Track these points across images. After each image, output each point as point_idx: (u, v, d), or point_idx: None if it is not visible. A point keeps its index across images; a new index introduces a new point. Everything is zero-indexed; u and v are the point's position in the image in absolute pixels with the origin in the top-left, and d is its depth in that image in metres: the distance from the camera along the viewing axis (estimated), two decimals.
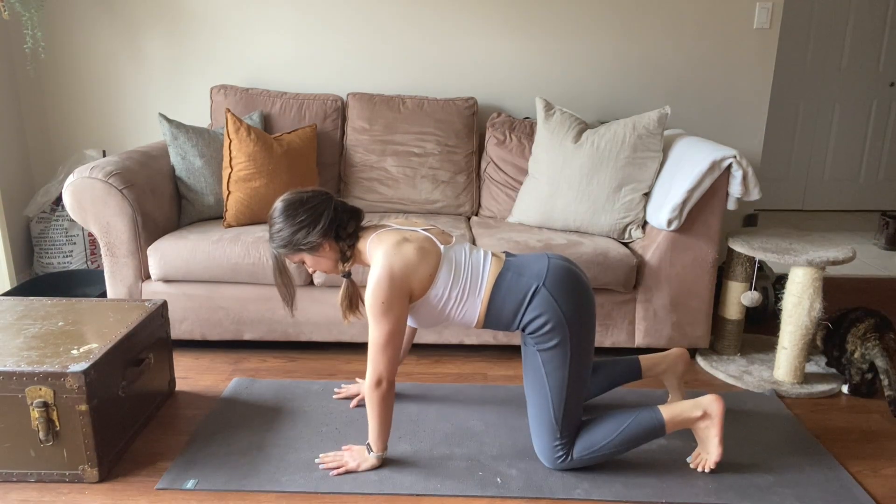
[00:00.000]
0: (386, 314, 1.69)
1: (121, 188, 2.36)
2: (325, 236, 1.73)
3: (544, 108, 2.69)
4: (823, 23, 4.63)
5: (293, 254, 1.76)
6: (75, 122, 3.20)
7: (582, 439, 1.79)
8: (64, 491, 1.73)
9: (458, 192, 2.93)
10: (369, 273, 1.72)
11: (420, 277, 1.73)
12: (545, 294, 1.73)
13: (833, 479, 1.81)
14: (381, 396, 1.73)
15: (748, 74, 3.13)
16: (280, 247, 1.75)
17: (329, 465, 1.81)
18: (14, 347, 1.81)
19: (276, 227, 1.73)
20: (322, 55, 3.11)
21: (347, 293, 1.86)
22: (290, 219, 1.71)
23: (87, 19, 3.08)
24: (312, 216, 1.71)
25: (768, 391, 2.30)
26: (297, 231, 1.71)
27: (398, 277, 1.69)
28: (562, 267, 1.78)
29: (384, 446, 1.82)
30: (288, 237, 1.72)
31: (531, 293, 1.73)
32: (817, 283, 2.23)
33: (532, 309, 1.73)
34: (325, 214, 1.72)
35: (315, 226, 1.71)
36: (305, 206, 1.72)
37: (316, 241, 1.72)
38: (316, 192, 1.76)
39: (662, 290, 2.44)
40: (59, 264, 3.10)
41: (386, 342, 1.70)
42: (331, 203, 1.75)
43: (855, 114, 4.82)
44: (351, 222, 1.77)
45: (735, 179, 2.30)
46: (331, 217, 1.73)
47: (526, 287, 1.74)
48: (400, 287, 1.69)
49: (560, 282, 1.74)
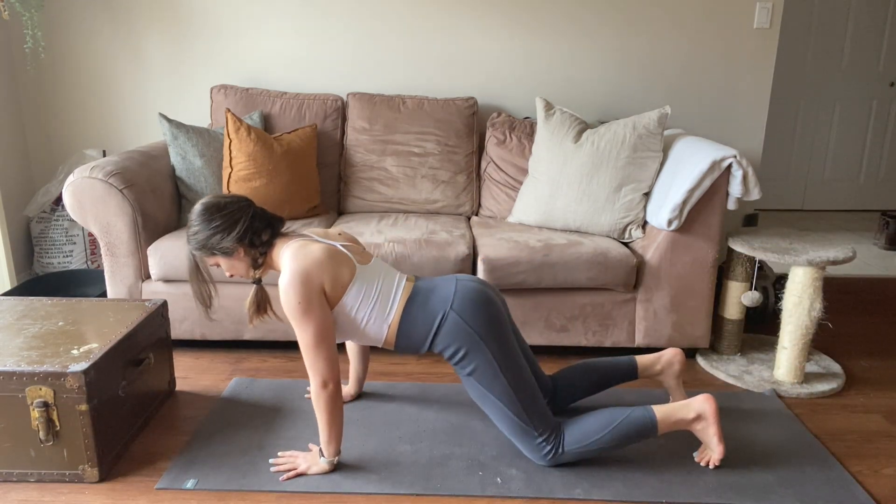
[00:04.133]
0: (306, 314, 1.69)
1: (121, 188, 2.36)
2: (240, 242, 1.76)
3: (544, 108, 2.69)
4: (823, 23, 4.63)
5: (208, 256, 1.79)
6: (75, 122, 3.20)
7: (573, 432, 1.80)
8: (64, 491, 1.74)
9: (458, 191, 2.93)
10: (279, 279, 1.73)
11: (331, 280, 1.74)
12: (454, 318, 1.76)
13: (833, 479, 1.81)
14: (328, 398, 1.73)
15: (748, 74, 3.13)
16: (195, 248, 1.78)
17: (281, 468, 1.81)
18: (14, 347, 1.81)
19: (192, 228, 1.76)
20: (322, 55, 3.11)
21: (256, 298, 1.87)
22: (207, 222, 1.74)
23: (87, 19, 3.08)
24: (228, 222, 1.74)
25: (768, 391, 2.30)
26: (213, 235, 1.74)
27: (307, 276, 1.70)
28: (470, 288, 1.81)
29: (336, 451, 1.80)
30: (203, 240, 1.75)
31: (440, 319, 1.77)
32: (817, 283, 2.23)
33: (443, 336, 1.77)
34: (240, 221, 1.75)
35: (230, 231, 1.74)
36: (222, 212, 1.75)
37: (230, 247, 1.75)
38: (236, 198, 1.80)
39: (662, 290, 2.44)
40: (59, 264, 3.10)
41: (317, 342, 1.70)
42: (248, 211, 1.78)
43: (855, 114, 4.82)
44: (266, 230, 1.80)
45: (735, 179, 2.30)
46: (246, 225, 1.76)
47: (434, 312, 1.78)
48: (311, 286, 1.70)
49: (468, 302, 1.78)
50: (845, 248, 2.31)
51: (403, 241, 2.43)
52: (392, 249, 2.39)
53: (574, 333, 2.48)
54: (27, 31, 2.86)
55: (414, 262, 2.37)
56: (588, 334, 2.48)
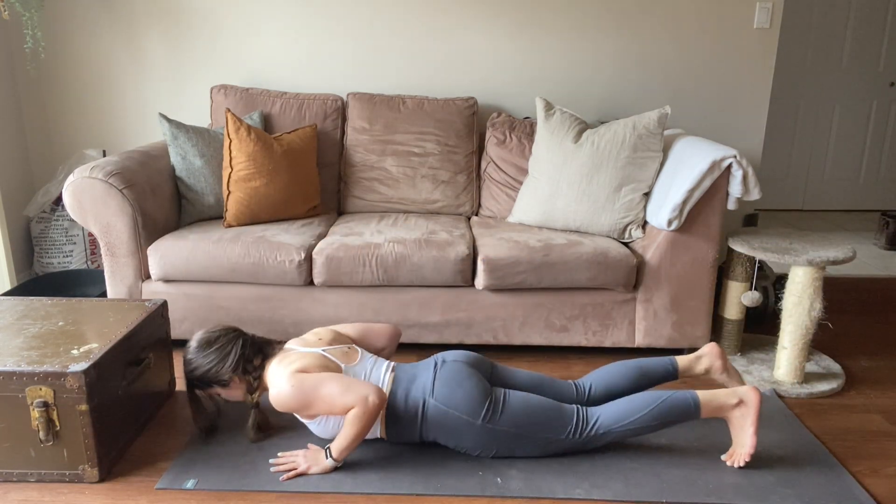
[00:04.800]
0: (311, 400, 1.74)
1: (121, 188, 2.36)
2: (234, 372, 1.84)
3: (544, 108, 2.69)
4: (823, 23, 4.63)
5: (206, 389, 1.88)
6: (75, 122, 3.20)
7: (613, 412, 1.83)
8: (64, 491, 1.73)
9: (458, 191, 2.93)
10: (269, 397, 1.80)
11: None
12: (435, 407, 1.80)
13: (833, 479, 1.81)
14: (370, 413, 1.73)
15: (748, 74, 3.13)
16: (195, 383, 1.87)
17: (280, 468, 1.81)
18: (14, 347, 1.81)
19: (189, 367, 1.86)
20: (322, 55, 3.11)
21: (255, 421, 1.93)
22: (202, 359, 1.84)
23: (87, 19, 3.08)
24: (220, 355, 1.84)
25: (768, 391, 2.30)
26: (209, 370, 1.83)
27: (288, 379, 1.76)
28: (447, 371, 1.85)
29: (346, 457, 1.82)
30: (200, 375, 1.84)
31: (422, 409, 1.81)
32: (817, 283, 2.23)
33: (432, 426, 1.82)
34: (232, 353, 1.84)
35: (223, 364, 1.83)
36: (214, 347, 1.84)
37: (225, 378, 1.83)
38: (225, 330, 1.89)
39: (662, 290, 2.44)
40: (59, 264, 3.10)
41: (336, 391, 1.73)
42: (238, 341, 1.87)
43: (855, 114, 4.82)
44: (258, 356, 1.87)
45: (735, 179, 2.30)
46: (238, 354, 1.84)
47: (415, 404, 1.82)
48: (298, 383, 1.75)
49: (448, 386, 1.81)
50: (845, 248, 2.30)
51: (403, 241, 2.43)
52: (392, 249, 2.39)
53: (574, 333, 2.48)
54: (27, 31, 2.86)
55: (414, 262, 2.38)
56: (588, 334, 2.48)
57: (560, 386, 1.99)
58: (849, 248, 2.32)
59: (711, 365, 2.02)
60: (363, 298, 2.45)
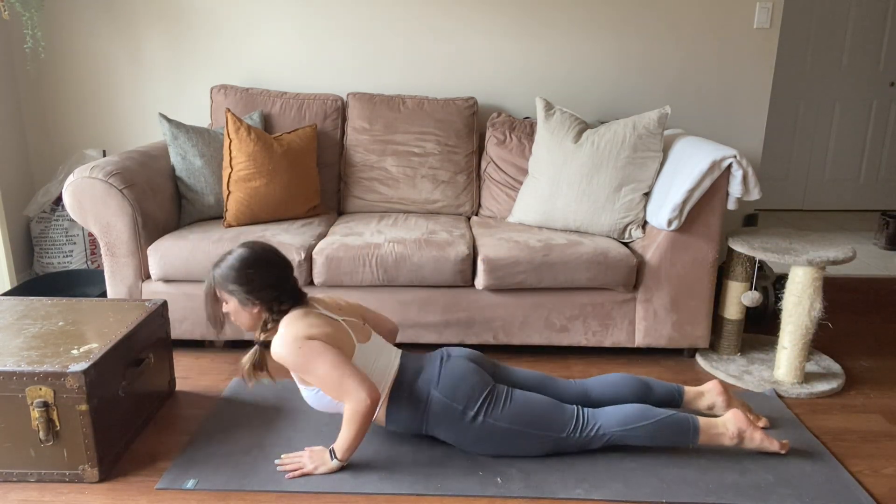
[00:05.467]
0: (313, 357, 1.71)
1: (121, 188, 2.36)
2: (260, 302, 1.78)
3: (544, 108, 2.69)
4: (823, 23, 4.63)
5: (225, 292, 1.80)
6: (75, 122, 3.20)
7: (615, 415, 1.84)
8: (64, 491, 1.73)
9: (458, 191, 2.93)
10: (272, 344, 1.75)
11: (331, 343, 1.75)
12: (439, 399, 1.80)
13: (833, 479, 1.81)
14: (366, 412, 1.72)
15: (748, 74, 3.13)
16: (219, 281, 1.79)
17: (286, 468, 1.81)
18: (14, 347, 1.81)
19: (226, 263, 1.78)
20: (322, 55, 3.11)
21: (253, 357, 1.84)
22: (243, 269, 1.76)
23: (87, 19, 3.08)
24: (260, 281, 1.77)
25: (768, 391, 2.30)
26: (240, 283, 1.76)
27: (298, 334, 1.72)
28: (453, 365, 1.85)
29: (350, 456, 1.81)
30: (230, 279, 1.77)
31: (426, 400, 1.81)
32: (817, 283, 2.23)
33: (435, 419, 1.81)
34: (272, 286, 1.78)
35: (257, 290, 1.77)
36: (262, 270, 1.78)
37: (248, 299, 1.78)
38: (280, 263, 1.82)
39: (662, 290, 2.44)
40: (59, 264, 3.10)
41: (338, 374, 1.70)
42: (286, 280, 1.81)
43: (855, 114, 4.82)
44: (287, 303, 1.81)
45: (735, 179, 2.30)
46: (276, 293, 1.79)
47: (420, 394, 1.82)
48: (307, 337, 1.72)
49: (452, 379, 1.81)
50: (845, 248, 2.30)
51: (403, 241, 2.43)
52: (392, 249, 2.39)
53: (574, 333, 2.48)
54: (27, 31, 2.86)
55: (414, 262, 2.38)
56: (588, 334, 2.49)
57: (561, 385, 2.00)
58: (849, 248, 2.31)
59: (714, 402, 2.03)
60: (363, 298, 2.45)
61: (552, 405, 1.85)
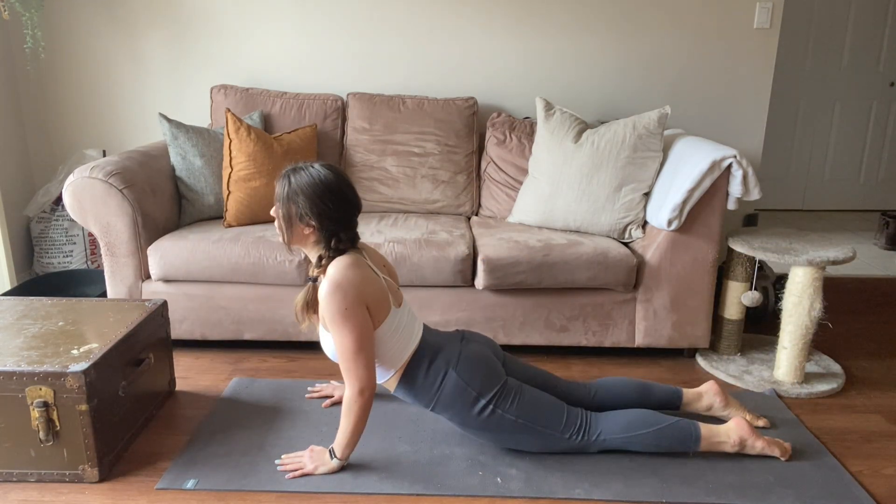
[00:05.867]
0: (348, 320, 1.67)
1: (121, 188, 2.36)
2: (321, 230, 1.71)
3: (544, 108, 2.69)
4: (823, 23, 4.63)
5: (287, 203, 1.71)
6: (75, 122, 3.20)
7: (616, 421, 1.84)
8: (64, 491, 1.74)
9: (458, 191, 2.93)
10: (321, 286, 1.70)
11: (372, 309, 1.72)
12: (456, 380, 1.79)
13: (833, 479, 1.81)
14: (363, 405, 1.72)
15: (748, 74, 3.13)
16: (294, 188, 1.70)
17: (287, 468, 1.81)
18: (14, 347, 1.81)
19: (308, 176, 1.69)
20: (322, 55, 3.11)
21: (306, 297, 1.78)
22: (320, 194, 1.68)
23: (86, 19, 3.08)
24: (332, 211, 1.69)
25: (768, 391, 2.30)
26: (312, 205, 1.68)
27: (352, 286, 1.67)
28: (473, 350, 1.85)
29: (349, 454, 1.81)
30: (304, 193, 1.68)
31: (442, 378, 1.80)
32: (817, 283, 2.23)
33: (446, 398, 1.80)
34: (340, 220, 1.72)
35: (325, 216, 1.69)
36: (338, 201, 1.70)
37: (310, 224, 1.71)
38: (356, 202, 1.76)
39: (662, 290, 2.44)
40: (59, 264, 3.10)
41: (357, 349, 1.69)
42: (352, 220, 1.75)
43: (855, 114, 4.82)
44: (346, 242, 1.75)
45: (735, 179, 2.30)
46: (340, 228, 1.72)
47: (437, 372, 1.80)
48: (354, 296, 1.68)
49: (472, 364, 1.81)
50: (845, 248, 2.30)
51: (403, 241, 2.43)
52: (392, 249, 2.39)
53: (574, 333, 2.48)
54: (27, 31, 2.86)
55: (414, 262, 2.37)
56: (588, 334, 2.49)
57: (568, 386, 2.00)
58: (849, 248, 2.31)
59: (712, 403, 2.03)
60: None
61: (559, 406, 1.85)
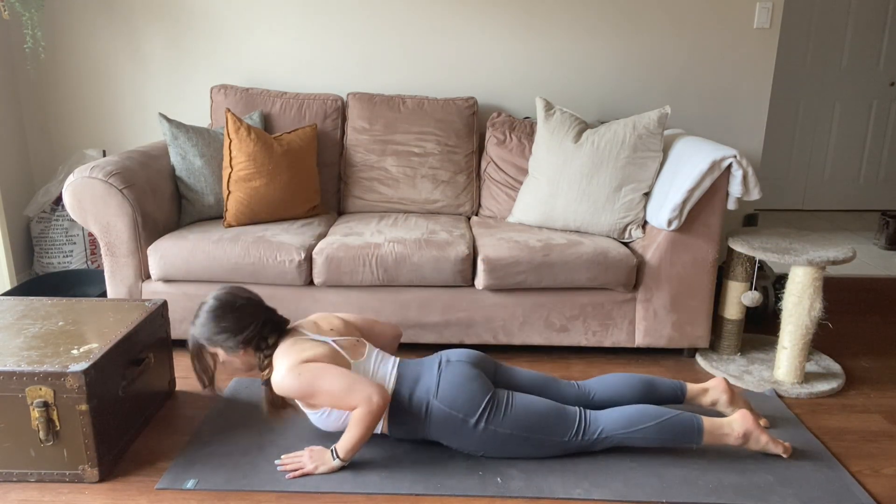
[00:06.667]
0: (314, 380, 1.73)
1: (121, 188, 2.36)
2: (245, 345, 1.80)
3: (544, 108, 2.69)
4: (823, 23, 4.63)
5: (209, 346, 1.82)
6: (75, 122, 3.20)
7: (617, 417, 1.83)
8: (64, 491, 1.74)
9: (458, 191, 2.93)
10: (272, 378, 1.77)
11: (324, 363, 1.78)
12: (439, 408, 1.79)
13: (833, 479, 1.81)
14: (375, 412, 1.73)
15: (748, 74, 3.13)
16: (200, 338, 1.81)
17: (287, 468, 1.81)
18: (14, 347, 1.81)
19: (200, 319, 1.80)
20: (322, 55, 3.11)
21: (268, 399, 1.87)
22: (216, 320, 1.78)
23: (86, 19, 3.08)
24: (237, 325, 1.79)
25: (768, 391, 2.30)
26: (219, 333, 1.78)
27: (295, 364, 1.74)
28: (452, 373, 1.83)
29: (352, 457, 1.82)
30: (209, 335, 1.79)
31: (426, 409, 1.81)
32: (817, 283, 2.23)
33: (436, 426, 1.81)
34: (250, 326, 1.79)
35: (237, 334, 1.79)
36: (234, 314, 1.79)
37: (233, 346, 1.79)
38: (250, 301, 1.84)
39: (662, 290, 2.44)
40: (59, 264, 3.10)
41: (344, 384, 1.72)
42: (259, 316, 1.82)
43: (855, 114, 4.82)
44: (273, 335, 1.83)
45: (735, 179, 2.30)
46: (255, 331, 1.80)
47: (419, 404, 1.81)
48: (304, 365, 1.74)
49: (452, 388, 1.80)
50: (845, 248, 2.30)
51: (403, 241, 2.43)
52: (392, 249, 2.39)
53: (574, 333, 2.48)
54: (27, 31, 2.86)
55: (414, 262, 2.38)
56: (588, 334, 2.49)
57: (563, 387, 1.99)
58: (849, 248, 2.32)
59: (718, 399, 2.02)
60: (363, 298, 2.45)
61: (554, 409, 1.84)
